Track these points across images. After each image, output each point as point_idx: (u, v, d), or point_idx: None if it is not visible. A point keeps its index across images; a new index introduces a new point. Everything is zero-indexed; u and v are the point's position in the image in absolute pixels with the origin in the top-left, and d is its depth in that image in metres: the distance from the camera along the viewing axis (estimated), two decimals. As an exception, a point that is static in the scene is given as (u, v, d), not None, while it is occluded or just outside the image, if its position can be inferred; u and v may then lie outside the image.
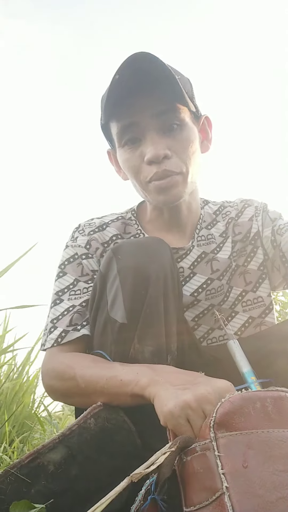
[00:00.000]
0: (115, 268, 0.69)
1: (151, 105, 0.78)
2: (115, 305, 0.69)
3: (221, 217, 0.97)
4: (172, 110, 0.79)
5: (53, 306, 0.83)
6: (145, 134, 0.79)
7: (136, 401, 0.62)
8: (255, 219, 0.94)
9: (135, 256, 0.69)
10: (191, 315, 0.87)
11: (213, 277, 0.88)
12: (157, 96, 0.78)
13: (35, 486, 0.57)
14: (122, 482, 0.47)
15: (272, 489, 0.40)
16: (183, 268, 0.88)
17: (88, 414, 0.62)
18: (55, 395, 0.76)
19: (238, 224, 0.95)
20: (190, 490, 0.47)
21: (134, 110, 0.79)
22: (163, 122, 0.79)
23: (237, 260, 0.92)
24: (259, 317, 0.89)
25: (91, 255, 0.87)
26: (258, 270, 0.91)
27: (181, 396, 0.54)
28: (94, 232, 0.90)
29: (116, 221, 0.94)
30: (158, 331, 0.69)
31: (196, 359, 0.80)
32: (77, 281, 0.84)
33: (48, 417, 1.93)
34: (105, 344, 0.72)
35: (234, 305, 0.90)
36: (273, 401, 0.47)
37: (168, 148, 0.79)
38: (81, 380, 0.67)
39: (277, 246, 0.88)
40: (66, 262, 0.87)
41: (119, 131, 0.82)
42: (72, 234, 0.93)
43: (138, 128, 0.79)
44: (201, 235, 0.92)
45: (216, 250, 0.91)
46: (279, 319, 1.96)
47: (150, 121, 0.79)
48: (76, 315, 0.79)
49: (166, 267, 0.71)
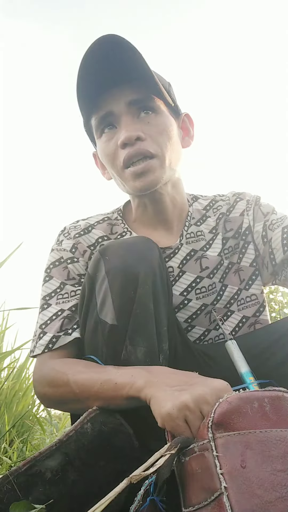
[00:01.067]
0: (103, 269, 0.68)
1: (125, 94, 0.79)
2: (104, 306, 0.68)
3: (212, 212, 0.94)
4: (146, 99, 0.80)
5: (41, 311, 0.81)
6: (120, 121, 0.80)
7: (132, 403, 0.61)
8: (246, 213, 0.91)
9: (123, 256, 0.68)
10: (183, 316, 0.85)
11: (202, 275, 0.86)
12: (130, 85, 0.79)
13: (32, 493, 0.57)
14: (121, 483, 0.47)
15: (271, 488, 0.40)
16: (173, 268, 0.86)
17: (84, 419, 0.61)
18: (48, 402, 0.75)
19: (229, 220, 0.92)
20: (189, 490, 0.47)
21: (109, 100, 0.79)
22: (137, 109, 0.80)
23: (231, 257, 0.90)
24: (253, 316, 0.87)
25: (77, 259, 0.85)
26: (251, 266, 0.89)
27: (179, 397, 0.53)
28: (80, 235, 0.88)
29: (102, 222, 0.92)
30: (149, 331, 0.68)
31: (188, 358, 0.80)
32: (63, 284, 0.83)
33: (48, 417, 1.93)
34: (96, 346, 0.71)
35: (230, 304, 0.88)
36: (271, 401, 0.46)
37: (141, 131, 0.78)
38: (75, 386, 0.66)
39: (268, 242, 0.86)
40: (52, 266, 0.86)
41: (96, 123, 0.83)
42: (57, 237, 0.91)
43: (113, 117, 0.80)
44: (190, 232, 0.90)
45: (205, 247, 0.89)
46: (277, 319, 1.96)
47: (124, 110, 0.79)
48: (66, 321, 0.77)
49: (155, 267, 0.70)
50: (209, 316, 0.86)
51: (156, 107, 0.81)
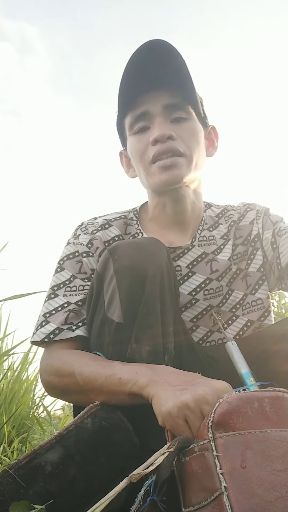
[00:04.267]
0: (112, 268, 0.69)
1: (163, 98, 0.84)
2: (111, 305, 0.69)
3: (224, 219, 0.97)
4: (182, 105, 0.85)
5: (47, 300, 0.83)
6: (154, 121, 0.84)
7: (134, 400, 0.62)
8: (255, 222, 0.94)
9: (131, 256, 0.69)
10: (189, 316, 0.86)
11: (212, 277, 0.88)
12: (169, 90, 0.84)
13: (33, 487, 0.57)
14: (121, 482, 0.47)
15: (271, 488, 0.41)
16: (181, 267, 0.88)
17: (85, 414, 0.62)
18: (53, 391, 0.76)
19: (239, 228, 0.95)
20: (189, 490, 0.47)
21: (147, 101, 0.84)
22: (172, 113, 0.85)
23: (239, 263, 0.92)
24: (258, 320, 0.89)
25: (92, 254, 0.87)
26: (258, 271, 0.91)
27: (180, 396, 0.54)
28: (97, 230, 0.90)
29: (119, 219, 0.94)
30: (155, 331, 0.69)
31: (193, 359, 0.80)
32: (73, 277, 0.84)
33: (47, 418, 1.93)
34: (102, 344, 0.72)
35: (235, 308, 0.89)
36: (271, 401, 0.47)
37: (173, 131, 0.83)
38: (79, 377, 0.67)
39: (276, 247, 0.88)
40: (66, 258, 0.87)
41: (131, 121, 0.87)
42: (74, 231, 0.93)
43: (148, 117, 0.85)
44: (202, 236, 0.93)
45: (216, 252, 0.91)
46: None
47: (159, 111, 0.84)
48: (72, 314, 0.79)
49: (163, 267, 0.71)
50: (213, 317, 0.87)
51: (189, 114, 0.86)
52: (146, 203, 1.00)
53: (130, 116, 0.87)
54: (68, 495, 0.58)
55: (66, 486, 0.58)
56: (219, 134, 0.98)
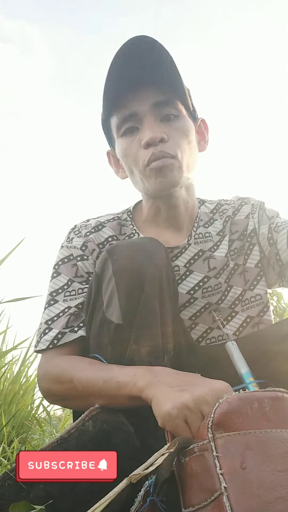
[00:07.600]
0: (110, 268, 0.69)
1: (151, 96, 0.80)
2: (110, 305, 0.69)
3: (218, 215, 0.96)
4: (171, 102, 0.82)
5: (48, 307, 0.82)
6: (143, 122, 0.81)
7: (133, 403, 0.62)
8: (251, 217, 0.93)
9: (130, 256, 0.69)
10: (188, 314, 0.86)
11: (210, 275, 0.87)
12: (157, 87, 0.80)
13: (34, 490, 0.57)
14: (121, 483, 0.47)
15: (271, 489, 0.41)
16: (179, 267, 0.87)
17: (86, 417, 0.62)
18: (52, 398, 0.76)
19: (235, 222, 0.93)
20: (188, 491, 0.47)
21: (134, 100, 0.81)
22: (161, 111, 0.81)
23: (236, 259, 0.91)
24: (257, 316, 0.88)
25: (87, 257, 0.86)
26: (256, 267, 0.90)
27: (179, 397, 0.53)
28: (90, 233, 0.89)
29: (112, 221, 0.93)
30: (154, 331, 0.68)
31: (192, 359, 0.80)
32: (71, 281, 0.83)
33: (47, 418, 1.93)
34: (101, 345, 0.71)
35: (234, 304, 0.89)
36: (271, 401, 0.47)
37: (164, 133, 0.80)
38: (78, 383, 0.67)
39: (274, 243, 0.87)
40: (61, 262, 0.87)
41: (119, 122, 0.83)
42: (67, 235, 0.92)
43: (136, 117, 0.81)
44: (198, 233, 0.92)
45: (213, 249, 0.90)
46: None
47: (148, 111, 0.80)
48: (72, 317, 0.78)
49: (161, 267, 0.71)
50: (212, 314, 0.87)
51: (179, 110, 0.83)
52: (139, 203, 0.98)
53: (117, 117, 0.83)
54: (68, 498, 0.57)
55: (67, 488, 0.58)
56: (208, 126, 0.95)
